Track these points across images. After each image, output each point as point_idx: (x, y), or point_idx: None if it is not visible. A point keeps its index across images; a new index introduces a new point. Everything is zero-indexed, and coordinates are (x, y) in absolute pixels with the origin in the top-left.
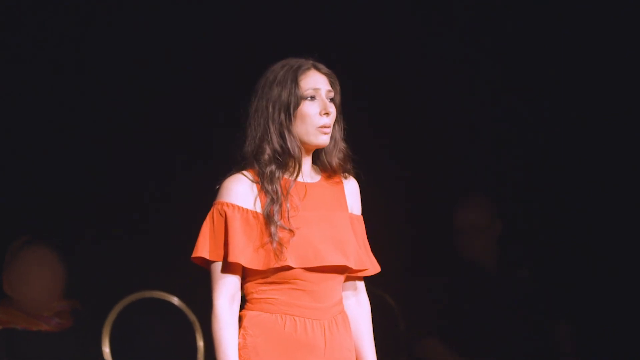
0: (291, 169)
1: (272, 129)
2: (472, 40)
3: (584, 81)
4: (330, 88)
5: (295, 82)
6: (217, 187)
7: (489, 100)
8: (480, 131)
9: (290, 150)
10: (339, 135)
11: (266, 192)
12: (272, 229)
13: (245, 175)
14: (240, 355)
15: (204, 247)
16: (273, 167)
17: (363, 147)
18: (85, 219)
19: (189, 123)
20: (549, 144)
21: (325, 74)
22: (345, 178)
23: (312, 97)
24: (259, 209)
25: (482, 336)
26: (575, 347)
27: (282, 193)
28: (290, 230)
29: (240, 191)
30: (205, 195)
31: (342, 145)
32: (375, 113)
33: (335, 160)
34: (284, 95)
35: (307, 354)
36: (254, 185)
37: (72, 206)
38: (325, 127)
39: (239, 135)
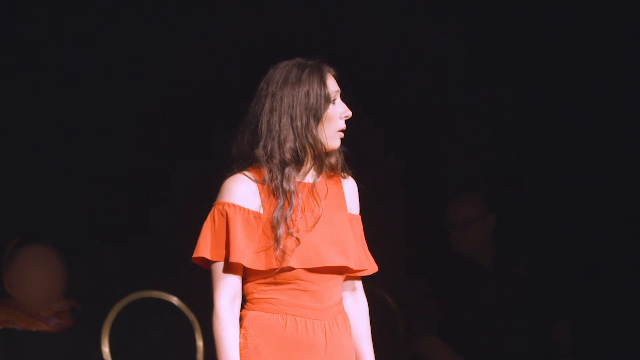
0: (302, 171)
1: (299, 130)
2: (470, 39)
3: (579, 77)
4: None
5: (324, 83)
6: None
7: (488, 98)
8: (480, 130)
9: (316, 152)
10: None
11: (280, 193)
12: (279, 233)
13: (246, 176)
14: (241, 356)
15: (205, 248)
16: (291, 167)
17: (361, 148)
18: (85, 219)
19: (189, 123)
20: (549, 141)
21: (333, 75)
22: (344, 178)
23: (334, 100)
24: (260, 210)
25: (481, 334)
26: (575, 345)
27: (295, 195)
28: (297, 239)
29: (242, 192)
30: (205, 195)
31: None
32: (372, 113)
33: (334, 160)
34: (312, 96)
35: (308, 354)
36: (256, 185)
37: (72, 206)
38: (342, 130)
39: (244, 134)
